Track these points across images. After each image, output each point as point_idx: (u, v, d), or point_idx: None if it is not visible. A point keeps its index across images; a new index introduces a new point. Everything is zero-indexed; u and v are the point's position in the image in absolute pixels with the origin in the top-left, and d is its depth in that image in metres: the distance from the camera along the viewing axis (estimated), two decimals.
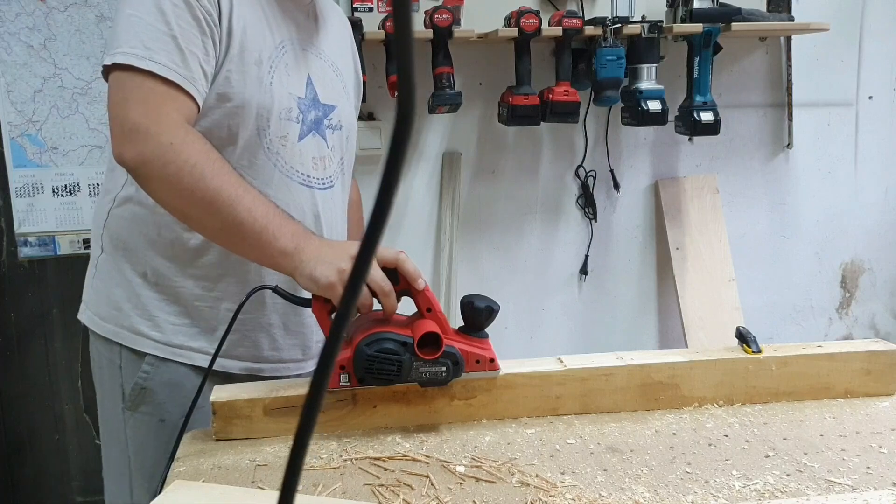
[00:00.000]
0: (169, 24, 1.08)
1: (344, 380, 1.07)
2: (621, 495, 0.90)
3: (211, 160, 1.06)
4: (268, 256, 1.08)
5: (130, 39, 1.07)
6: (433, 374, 1.06)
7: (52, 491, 2.43)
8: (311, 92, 1.26)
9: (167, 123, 1.06)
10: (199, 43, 1.10)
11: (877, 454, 0.99)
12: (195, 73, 1.09)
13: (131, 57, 1.06)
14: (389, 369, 1.04)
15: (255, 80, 1.16)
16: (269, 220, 1.06)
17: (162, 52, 1.07)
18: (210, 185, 1.05)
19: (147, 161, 1.05)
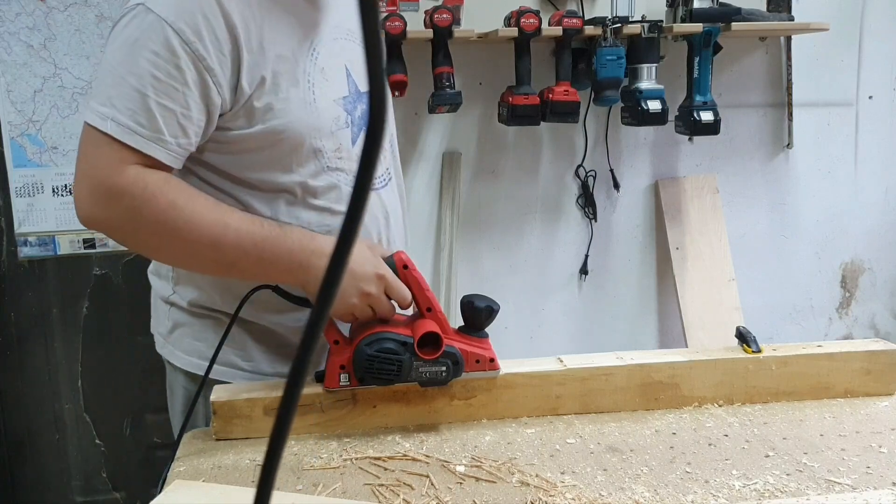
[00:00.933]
0: (141, 79, 1.00)
1: (344, 380, 1.07)
2: (621, 495, 0.90)
3: (178, 208, 1.01)
4: (274, 279, 1.09)
5: (101, 94, 1.02)
6: (433, 374, 1.06)
7: (51, 491, 2.43)
8: (352, 85, 1.19)
9: (126, 183, 1.00)
10: (177, 97, 1.01)
11: (877, 454, 0.99)
12: (165, 132, 1.02)
13: (95, 117, 1.01)
14: (389, 369, 1.04)
15: (300, 104, 1.09)
16: (261, 249, 1.04)
17: (127, 111, 1.00)
18: (188, 239, 1.02)
19: (117, 227, 1.04)
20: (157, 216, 1.01)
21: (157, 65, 1.00)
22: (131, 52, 1.00)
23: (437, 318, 1.07)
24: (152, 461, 2.44)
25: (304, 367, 0.34)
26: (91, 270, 2.33)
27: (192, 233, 1.02)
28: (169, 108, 1.01)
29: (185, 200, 1.02)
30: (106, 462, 2.43)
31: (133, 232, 1.04)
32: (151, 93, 1.00)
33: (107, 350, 2.37)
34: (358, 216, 0.31)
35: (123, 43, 1.02)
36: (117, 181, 1.00)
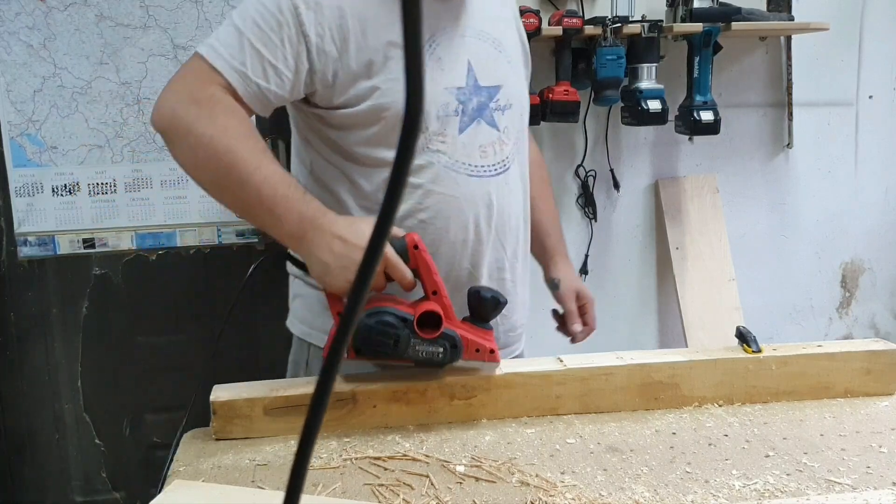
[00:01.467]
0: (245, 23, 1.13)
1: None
2: (621, 495, 0.90)
3: (229, 135, 1.09)
4: (279, 237, 1.12)
5: (213, 33, 1.17)
6: (430, 354, 1.05)
7: (51, 491, 2.43)
8: (471, 78, 1.26)
9: (202, 96, 1.11)
10: (270, 46, 1.13)
11: (877, 454, 0.99)
12: (249, 68, 1.13)
13: (200, 47, 1.15)
14: (387, 343, 1.04)
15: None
16: (275, 203, 1.08)
17: (224, 42, 1.13)
18: (222, 163, 1.09)
19: (174, 126, 1.12)
20: (209, 132, 1.09)
21: (263, 16, 1.13)
22: (247, 4, 1.16)
23: (442, 303, 1.07)
24: (152, 461, 2.43)
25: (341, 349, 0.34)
26: (91, 270, 2.33)
27: (227, 158, 1.09)
28: (260, 52, 1.13)
29: (237, 133, 1.10)
30: (106, 462, 2.43)
31: (185, 136, 1.11)
32: (249, 34, 1.13)
33: (107, 350, 2.37)
34: (394, 205, 0.32)
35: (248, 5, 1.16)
36: (197, 90, 1.12)
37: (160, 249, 2.34)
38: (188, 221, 2.34)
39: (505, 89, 1.30)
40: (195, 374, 2.39)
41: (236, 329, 2.42)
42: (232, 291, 2.47)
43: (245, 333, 2.42)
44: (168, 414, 2.41)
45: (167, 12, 2.23)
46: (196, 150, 1.10)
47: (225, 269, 2.38)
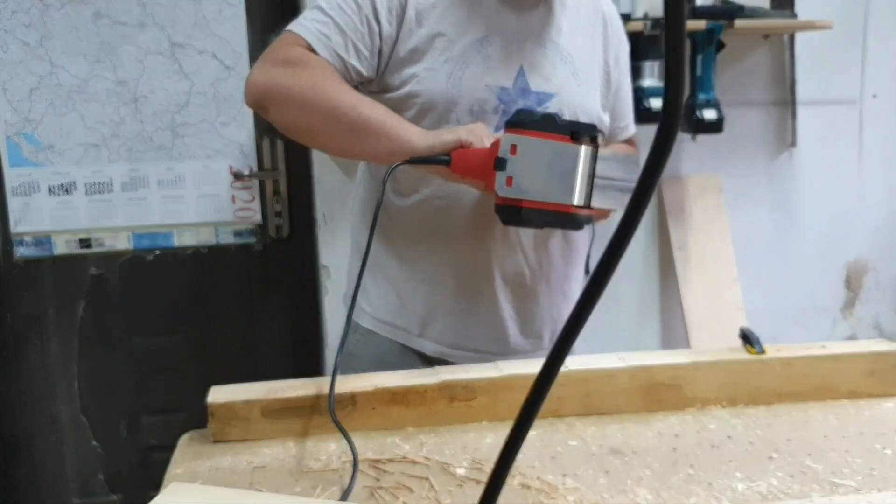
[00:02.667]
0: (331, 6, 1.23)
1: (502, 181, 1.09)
2: (623, 498, 0.89)
3: (328, 77, 1.19)
4: (397, 138, 1.17)
5: (300, 18, 1.26)
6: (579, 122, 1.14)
7: (48, 493, 2.43)
8: (521, 82, 1.28)
9: (293, 55, 1.21)
10: (353, 27, 1.22)
11: (881, 455, 0.99)
12: (335, 43, 1.22)
13: (294, 24, 1.25)
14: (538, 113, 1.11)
15: (444, 77, 1.24)
16: (389, 115, 1.19)
17: (311, 21, 1.23)
18: (332, 96, 1.18)
19: (273, 85, 1.21)
20: (310, 78, 1.19)
21: (347, 2, 1.23)
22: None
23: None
24: (149, 463, 2.43)
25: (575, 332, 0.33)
26: (87, 270, 2.32)
27: (336, 92, 1.18)
28: (345, 31, 1.22)
29: (338, 80, 1.21)
30: (103, 464, 2.43)
31: (287, 89, 1.20)
32: (334, 15, 1.23)
33: (103, 351, 2.36)
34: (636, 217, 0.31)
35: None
36: (289, 52, 1.21)
37: (157, 249, 2.34)
38: (185, 221, 2.33)
39: (560, 98, 1.30)
40: (192, 376, 2.38)
41: (235, 330, 2.41)
42: (230, 292, 2.48)
43: (244, 334, 2.42)
44: (165, 416, 2.40)
45: (165, 10, 2.22)
46: (299, 100, 1.19)
47: (222, 270, 2.37)
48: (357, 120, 1.17)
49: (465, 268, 1.32)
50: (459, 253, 1.31)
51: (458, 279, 1.32)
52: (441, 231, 1.31)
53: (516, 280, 1.34)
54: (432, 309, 1.34)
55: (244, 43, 2.28)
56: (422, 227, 1.32)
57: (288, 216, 2.39)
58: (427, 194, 1.30)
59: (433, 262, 1.33)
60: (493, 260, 1.31)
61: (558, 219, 1.11)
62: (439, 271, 1.32)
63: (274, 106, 1.23)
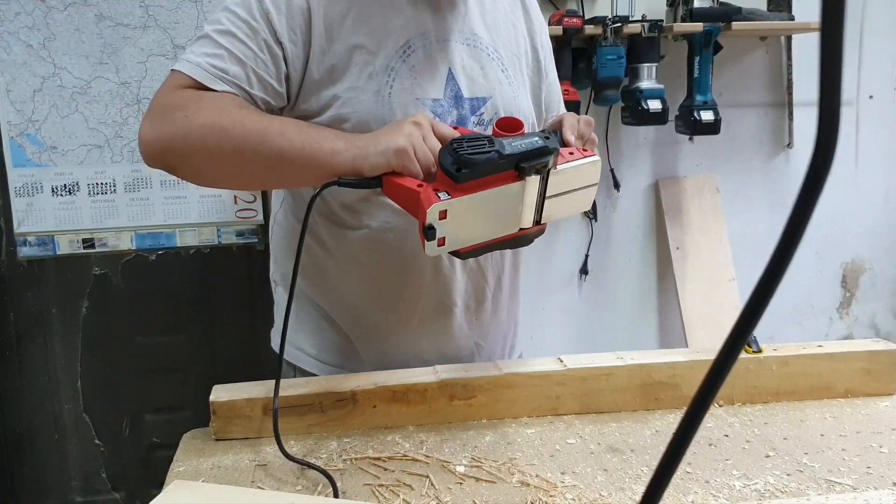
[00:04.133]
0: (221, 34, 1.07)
1: (443, 196, 0.90)
2: (621, 495, 0.90)
3: (224, 110, 1.02)
4: (321, 165, 1.00)
5: (187, 50, 1.09)
6: (529, 145, 0.91)
7: (51, 491, 2.43)
8: (451, 90, 1.16)
9: (180, 98, 1.03)
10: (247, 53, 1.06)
11: (877, 454, 0.99)
12: (231, 74, 1.05)
13: (175, 65, 1.08)
14: (481, 145, 0.90)
15: (372, 95, 1.10)
16: (306, 136, 1.01)
17: (201, 55, 1.06)
18: (235, 133, 1.00)
19: (169, 139, 1.03)
20: (206, 120, 1.01)
21: (237, 24, 1.07)
22: (218, 14, 1.09)
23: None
24: (152, 461, 2.43)
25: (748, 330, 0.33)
26: (90, 270, 2.33)
27: (237, 128, 1.00)
28: (242, 61, 1.06)
29: (235, 106, 1.03)
30: (105, 462, 2.43)
31: (183, 140, 1.02)
32: (226, 44, 1.06)
33: (106, 350, 2.37)
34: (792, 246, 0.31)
35: (215, 7, 1.12)
36: (174, 97, 1.04)
37: (160, 249, 2.34)
38: (188, 221, 2.34)
39: (493, 101, 1.19)
40: (194, 375, 2.39)
41: (237, 329, 2.42)
42: (232, 291, 2.48)
43: (246, 333, 2.42)
44: (167, 414, 2.41)
45: (167, 12, 2.23)
46: (199, 146, 1.01)
47: (224, 270, 2.38)
48: (271, 153, 1.00)
49: (427, 304, 1.20)
50: (421, 290, 1.19)
51: (420, 316, 1.21)
52: (396, 267, 1.17)
53: (476, 307, 1.26)
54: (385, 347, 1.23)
55: None
56: (372, 264, 1.18)
57: None
58: (375, 227, 1.16)
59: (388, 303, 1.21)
60: (455, 290, 1.21)
61: (505, 244, 1.01)
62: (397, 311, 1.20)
63: (176, 160, 1.05)
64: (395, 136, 0.97)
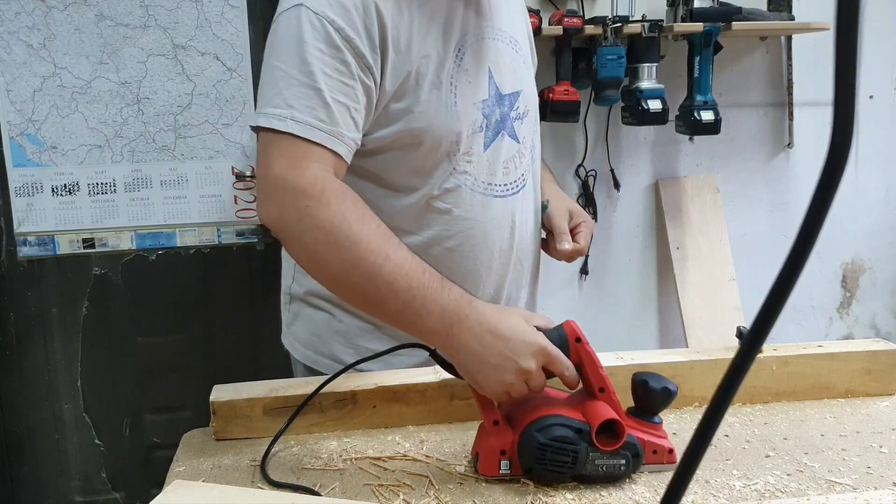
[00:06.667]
0: (313, 76, 1.01)
1: (504, 467, 0.92)
2: (621, 494, 0.90)
3: (347, 223, 0.96)
4: (419, 335, 0.96)
5: (274, 98, 1.02)
6: (610, 468, 0.90)
7: (51, 491, 2.43)
8: (493, 88, 1.16)
9: (304, 182, 0.97)
10: (348, 91, 1.03)
11: (877, 454, 0.99)
12: (342, 125, 1.02)
13: (273, 119, 1.01)
14: (563, 461, 0.89)
15: (441, 106, 1.09)
16: (412, 296, 0.93)
17: (305, 108, 1.00)
18: (346, 258, 0.95)
19: (286, 226, 0.99)
20: (324, 223, 0.96)
21: (325, 61, 1.01)
22: (298, 52, 1.01)
23: (611, 401, 0.92)
24: (152, 461, 2.43)
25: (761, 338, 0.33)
26: (90, 270, 2.33)
27: (350, 251, 0.95)
28: (342, 102, 1.02)
29: (356, 218, 0.97)
30: (105, 462, 2.43)
31: (299, 233, 0.98)
32: (325, 88, 1.01)
33: (106, 350, 2.37)
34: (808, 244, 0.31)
35: (289, 44, 1.02)
36: (297, 179, 0.98)
37: (160, 249, 2.34)
38: (188, 221, 2.34)
39: (523, 94, 1.21)
40: (194, 375, 2.39)
41: (237, 329, 2.42)
42: (232, 291, 2.49)
43: (246, 333, 2.42)
44: (168, 414, 2.41)
45: (167, 12, 2.23)
46: (315, 246, 0.97)
47: (225, 270, 2.38)
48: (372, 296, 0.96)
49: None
50: (468, 288, 1.14)
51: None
52: (457, 276, 1.15)
53: (517, 294, 1.30)
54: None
55: (246, 44, 2.29)
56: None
57: None
58: (430, 236, 1.16)
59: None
60: (504, 286, 1.25)
61: None
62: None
63: (287, 243, 1.03)
64: (499, 376, 0.91)
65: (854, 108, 0.30)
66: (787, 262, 0.32)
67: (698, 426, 0.35)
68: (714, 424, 0.34)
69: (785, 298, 0.32)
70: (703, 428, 0.34)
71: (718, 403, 0.34)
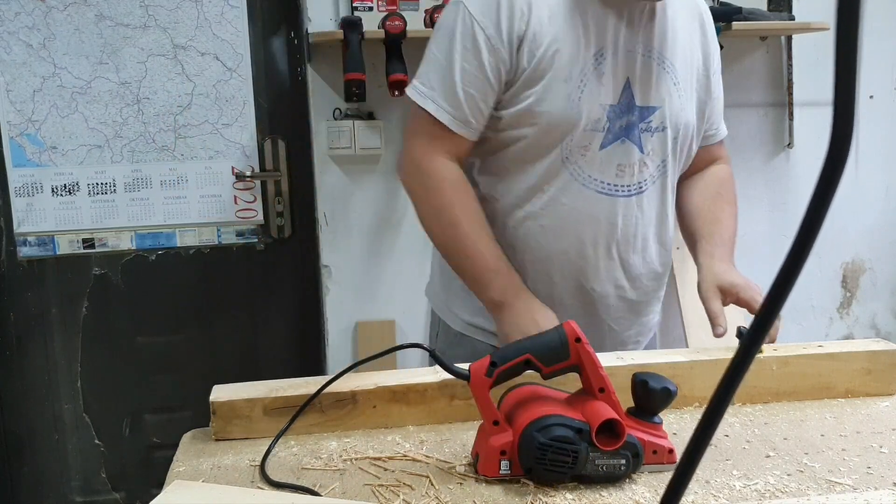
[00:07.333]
0: (453, 68, 1.23)
1: (504, 467, 0.92)
2: (621, 495, 0.90)
3: (453, 209, 1.27)
4: (480, 296, 1.29)
5: (425, 73, 1.28)
6: (610, 468, 0.91)
7: (51, 491, 2.43)
8: (626, 97, 1.27)
9: (432, 169, 1.27)
10: (480, 85, 1.23)
11: (877, 454, 0.99)
12: (469, 114, 1.24)
13: (419, 96, 1.27)
14: (564, 461, 0.89)
15: (563, 98, 1.23)
16: (486, 273, 1.26)
17: (444, 97, 1.25)
18: (447, 232, 1.28)
19: (413, 194, 1.32)
20: (436, 204, 1.28)
21: (466, 57, 1.23)
22: (449, 44, 1.25)
23: (611, 401, 0.93)
24: (152, 461, 2.43)
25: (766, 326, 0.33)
26: (90, 270, 2.33)
27: (450, 231, 1.27)
28: (472, 94, 1.24)
29: (461, 208, 1.27)
30: (105, 462, 2.43)
31: (419, 201, 1.31)
32: (460, 80, 1.23)
33: (106, 350, 2.37)
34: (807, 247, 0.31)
35: (444, 34, 1.26)
36: (427, 165, 1.28)
37: (160, 249, 2.34)
38: (188, 221, 2.34)
39: (662, 111, 1.30)
40: (194, 375, 2.39)
41: (236, 329, 2.42)
42: (232, 291, 2.48)
43: (245, 333, 2.42)
44: (167, 414, 2.41)
45: (167, 12, 2.23)
46: (425, 218, 1.30)
47: (224, 270, 2.38)
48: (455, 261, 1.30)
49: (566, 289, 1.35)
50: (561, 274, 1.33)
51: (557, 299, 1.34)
52: (544, 251, 1.32)
53: (616, 294, 1.40)
54: None
55: (246, 45, 2.29)
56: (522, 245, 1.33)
57: (289, 216, 2.40)
58: (529, 211, 1.31)
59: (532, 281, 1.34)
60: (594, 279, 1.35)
61: None
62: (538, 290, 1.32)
63: (414, 203, 1.33)
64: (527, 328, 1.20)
65: (854, 106, 0.30)
66: (787, 260, 0.32)
67: (698, 425, 0.35)
68: (713, 424, 0.34)
69: (784, 297, 0.32)
70: (702, 427, 0.34)
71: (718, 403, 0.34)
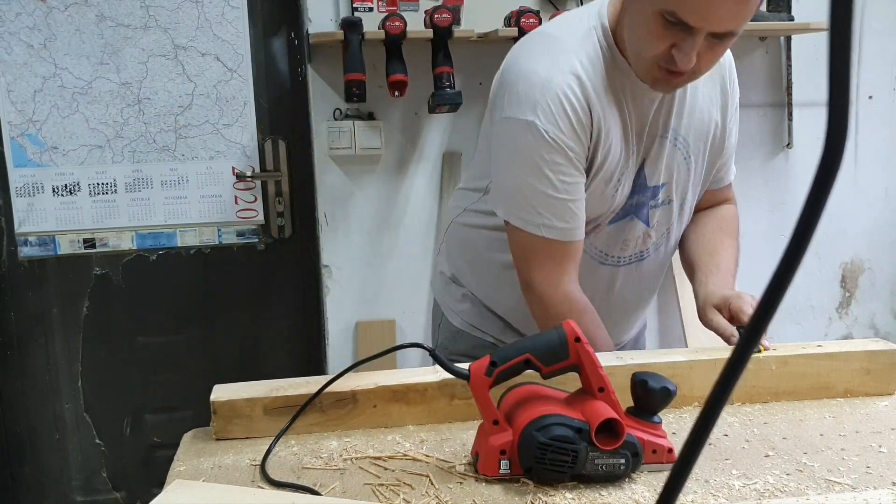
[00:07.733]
0: (556, 188, 1.20)
1: (504, 466, 0.92)
2: (621, 494, 0.90)
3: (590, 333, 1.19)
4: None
5: (522, 203, 1.23)
6: (610, 468, 0.91)
7: (51, 490, 2.44)
8: (640, 179, 1.29)
9: (556, 300, 1.25)
10: (575, 191, 1.21)
11: (876, 453, 0.99)
12: (579, 220, 1.23)
13: (529, 225, 1.22)
14: (563, 460, 0.89)
15: (598, 197, 1.25)
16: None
17: (554, 216, 1.21)
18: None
19: (536, 317, 1.30)
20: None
21: (563, 172, 1.19)
22: (538, 167, 1.20)
23: (611, 400, 0.93)
24: (152, 461, 2.44)
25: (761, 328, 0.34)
26: (91, 270, 2.33)
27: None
28: (575, 199, 1.21)
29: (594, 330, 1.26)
30: (106, 462, 2.44)
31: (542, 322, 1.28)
32: (567, 197, 1.21)
33: (107, 350, 2.37)
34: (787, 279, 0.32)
35: (528, 158, 1.20)
36: (552, 295, 1.25)
37: (160, 249, 2.35)
38: (188, 221, 2.34)
39: (669, 187, 1.32)
40: (195, 374, 2.39)
41: (237, 329, 2.42)
42: (232, 291, 2.48)
43: (246, 333, 2.43)
44: (168, 414, 2.41)
45: (167, 12, 2.23)
46: None
47: (225, 270, 2.38)
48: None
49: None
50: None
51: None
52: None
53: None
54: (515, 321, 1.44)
55: (246, 45, 2.29)
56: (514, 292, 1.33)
57: (290, 217, 2.40)
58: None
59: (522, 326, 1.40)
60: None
61: None
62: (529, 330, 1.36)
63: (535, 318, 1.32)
64: None
65: (849, 105, 0.30)
66: (783, 259, 0.32)
67: (695, 424, 0.35)
68: (711, 422, 0.34)
69: (781, 296, 0.33)
70: (700, 425, 0.34)
71: (715, 401, 0.34)
